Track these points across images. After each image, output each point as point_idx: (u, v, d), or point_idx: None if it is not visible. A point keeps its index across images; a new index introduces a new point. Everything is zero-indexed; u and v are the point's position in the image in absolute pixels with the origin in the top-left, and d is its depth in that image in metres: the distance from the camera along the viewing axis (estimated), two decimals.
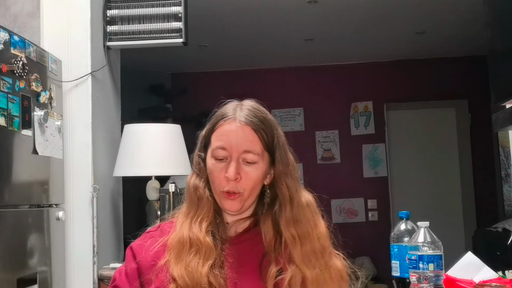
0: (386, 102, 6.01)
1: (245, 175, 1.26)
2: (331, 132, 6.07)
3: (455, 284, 1.64)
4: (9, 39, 2.32)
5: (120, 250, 3.24)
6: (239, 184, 1.26)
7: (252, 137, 1.28)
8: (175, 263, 1.23)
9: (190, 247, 1.24)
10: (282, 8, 4.34)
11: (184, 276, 1.20)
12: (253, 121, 1.29)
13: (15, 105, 2.32)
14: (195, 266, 1.21)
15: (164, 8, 3.07)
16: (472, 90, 5.84)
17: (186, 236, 1.25)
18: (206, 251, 1.23)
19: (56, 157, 2.69)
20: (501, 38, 1.95)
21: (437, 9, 4.43)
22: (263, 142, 1.29)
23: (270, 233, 1.29)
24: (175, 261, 1.23)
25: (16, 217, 2.38)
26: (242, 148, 1.26)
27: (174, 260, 1.24)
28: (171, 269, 1.22)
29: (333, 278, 1.28)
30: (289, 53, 5.61)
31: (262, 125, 1.30)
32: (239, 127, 1.27)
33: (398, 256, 1.73)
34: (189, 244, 1.24)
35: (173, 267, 1.22)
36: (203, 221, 1.28)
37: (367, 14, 4.54)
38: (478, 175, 5.93)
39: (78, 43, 2.96)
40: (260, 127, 1.29)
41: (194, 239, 1.25)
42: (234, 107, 1.32)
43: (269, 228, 1.30)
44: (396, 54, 5.77)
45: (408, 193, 5.92)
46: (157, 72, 6.00)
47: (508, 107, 2.08)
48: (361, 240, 5.33)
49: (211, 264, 1.22)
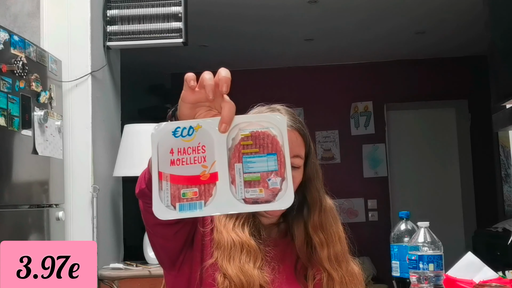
0: (386, 102, 6.01)
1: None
2: (331, 132, 6.06)
3: (455, 284, 1.64)
4: (9, 39, 2.32)
5: (120, 250, 3.24)
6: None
7: (300, 142, 1.31)
8: (228, 263, 1.25)
9: (241, 248, 1.26)
10: (282, 8, 4.34)
11: (239, 276, 1.22)
12: (299, 126, 1.32)
13: (15, 105, 2.32)
14: (248, 267, 1.24)
15: (164, 8, 3.07)
16: (472, 90, 5.84)
17: (234, 238, 1.27)
18: (254, 254, 1.26)
19: (56, 157, 2.69)
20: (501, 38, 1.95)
21: (437, 9, 4.43)
22: (306, 147, 1.32)
23: (302, 237, 1.33)
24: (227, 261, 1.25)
25: (16, 217, 2.38)
26: (292, 153, 1.23)
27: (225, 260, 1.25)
28: (224, 268, 1.24)
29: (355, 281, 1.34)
30: (289, 53, 5.61)
31: (305, 130, 1.33)
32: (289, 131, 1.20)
33: (398, 256, 1.73)
34: (239, 246, 1.26)
35: (226, 266, 1.24)
36: (244, 225, 1.30)
37: (367, 14, 4.54)
38: (478, 175, 5.93)
39: (78, 43, 2.96)
40: (304, 132, 1.32)
41: (242, 241, 1.27)
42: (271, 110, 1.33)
43: (301, 232, 1.33)
44: (396, 54, 5.77)
45: (408, 193, 5.92)
46: (157, 72, 6.00)
47: (508, 107, 2.08)
48: (361, 240, 5.31)
49: (260, 266, 1.26)
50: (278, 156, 0.91)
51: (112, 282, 2.80)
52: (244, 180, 0.90)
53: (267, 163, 0.91)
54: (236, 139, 0.92)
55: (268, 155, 0.91)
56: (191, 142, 0.92)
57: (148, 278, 2.75)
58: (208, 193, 0.90)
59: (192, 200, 0.90)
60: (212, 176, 0.91)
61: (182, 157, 0.92)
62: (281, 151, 0.91)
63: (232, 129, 0.92)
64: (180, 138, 0.92)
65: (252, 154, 0.91)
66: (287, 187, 0.90)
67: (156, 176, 0.92)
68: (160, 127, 0.94)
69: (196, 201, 0.90)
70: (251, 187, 0.90)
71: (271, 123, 0.92)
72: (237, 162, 0.91)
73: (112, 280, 2.80)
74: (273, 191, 0.90)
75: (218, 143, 0.92)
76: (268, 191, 0.90)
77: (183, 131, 0.92)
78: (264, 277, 1.25)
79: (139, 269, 2.85)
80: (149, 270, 2.77)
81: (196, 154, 0.92)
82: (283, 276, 1.29)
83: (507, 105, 2.10)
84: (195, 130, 0.92)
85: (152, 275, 2.73)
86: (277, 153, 0.91)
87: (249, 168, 0.91)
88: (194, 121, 0.93)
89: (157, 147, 0.93)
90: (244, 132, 0.92)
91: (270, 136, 0.91)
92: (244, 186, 0.90)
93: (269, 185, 0.90)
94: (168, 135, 0.93)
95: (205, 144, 0.92)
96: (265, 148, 0.91)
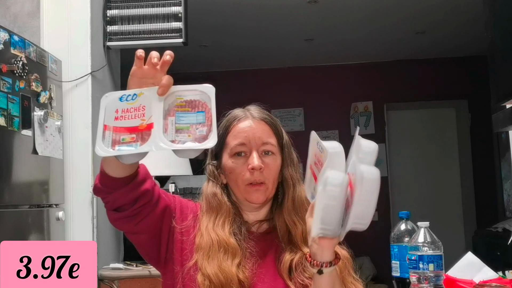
0: (386, 102, 6.01)
1: (266, 165, 1.33)
2: (331, 132, 6.06)
3: (455, 284, 1.64)
4: (9, 39, 2.32)
5: (120, 250, 3.24)
6: (262, 174, 1.32)
7: (267, 130, 1.37)
8: (207, 262, 1.28)
9: (219, 247, 1.30)
10: (282, 8, 4.34)
11: (218, 274, 1.25)
12: (265, 117, 1.39)
13: (15, 105, 2.32)
14: (226, 265, 1.27)
15: (164, 8, 3.07)
16: (472, 90, 5.84)
17: (213, 238, 1.31)
18: (232, 251, 1.29)
19: (56, 157, 2.69)
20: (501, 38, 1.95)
21: (437, 9, 4.43)
22: (276, 135, 1.38)
23: (283, 226, 1.36)
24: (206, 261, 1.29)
25: (16, 217, 2.38)
26: (261, 140, 1.34)
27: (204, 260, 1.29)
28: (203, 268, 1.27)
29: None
30: (289, 53, 5.61)
31: (273, 121, 1.40)
32: (254, 122, 1.36)
33: (398, 256, 1.73)
34: (217, 245, 1.30)
35: (205, 265, 1.28)
36: (225, 223, 1.34)
37: (367, 14, 4.54)
38: (478, 175, 5.93)
39: (78, 43, 2.96)
40: (271, 122, 1.39)
41: (220, 240, 1.30)
42: (242, 109, 1.41)
43: (282, 221, 1.37)
44: (396, 54, 5.77)
45: (408, 193, 5.92)
46: None
47: (508, 107, 2.08)
48: (361, 240, 5.31)
49: (238, 262, 1.29)
50: (206, 114, 1.10)
51: (112, 282, 2.80)
52: (175, 128, 1.09)
53: (196, 118, 1.10)
54: (173, 103, 1.11)
55: (198, 112, 1.11)
56: (134, 104, 1.11)
57: (148, 278, 2.75)
58: (144, 138, 1.08)
59: (129, 143, 1.09)
60: (148, 126, 1.09)
61: (125, 114, 1.11)
62: (209, 111, 1.10)
63: (170, 95, 1.11)
64: (125, 102, 1.11)
65: (184, 111, 1.11)
66: (212, 135, 1.09)
67: (101, 127, 1.10)
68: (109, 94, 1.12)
69: (133, 143, 1.09)
70: (180, 134, 1.09)
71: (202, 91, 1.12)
72: (171, 116, 1.10)
73: (112, 280, 2.80)
74: (200, 137, 1.09)
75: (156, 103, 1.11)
76: (195, 137, 1.09)
77: (127, 96, 1.11)
78: (244, 273, 1.27)
79: (139, 269, 2.85)
80: (149, 270, 2.77)
81: (136, 112, 1.11)
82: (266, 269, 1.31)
83: (507, 105, 2.10)
84: (138, 96, 1.11)
85: (152, 275, 2.73)
86: (205, 111, 1.11)
87: (180, 120, 1.10)
88: (137, 90, 1.12)
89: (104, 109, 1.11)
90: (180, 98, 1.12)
91: (200, 102, 1.11)
92: (175, 132, 1.09)
93: (197, 133, 1.09)
94: (115, 100, 1.12)
95: (145, 105, 1.11)
96: (196, 108, 1.11)
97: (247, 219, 1.39)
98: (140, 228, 1.31)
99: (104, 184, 1.26)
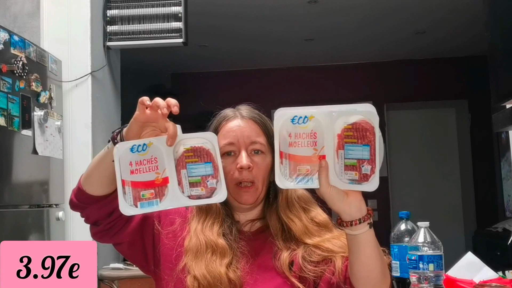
0: (386, 102, 6.01)
1: (256, 165, 1.33)
2: None
3: (455, 284, 1.64)
4: (9, 39, 2.32)
5: None
6: (251, 173, 1.32)
7: (256, 129, 1.37)
8: (195, 264, 1.29)
9: (206, 248, 1.30)
10: (282, 8, 4.34)
11: (205, 275, 1.26)
12: (254, 116, 1.39)
13: (15, 105, 2.32)
14: (214, 265, 1.27)
15: (164, 8, 3.07)
16: (472, 90, 5.83)
17: (201, 239, 1.31)
18: (221, 251, 1.30)
19: (56, 157, 2.69)
20: (501, 38, 1.95)
21: (437, 9, 4.43)
22: (266, 134, 1.37)
23: (276, 224, 1.36)
24: (194, 262, 1.29)
25: (16, 217, 2.38)
26: (249, 139, 1.34)
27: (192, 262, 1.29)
28: (191, 270, 1.28)
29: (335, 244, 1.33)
30: (289, 53, 5.61)
31: (263, 120, 1.39)
32: (243, 121, 1.36)
33: (398, 256, 1.73)
34: (204, 246, 1.30)
35: (193, 267, 1.28)
36: (213, 224, 1.34)
37: (367, 14, 4.54)
38: (478, 175, 5.93)
39: (78, 43, 2.96)
40: (261, 121, 1.39)
41: (208, 241, 1.31)
42: (232, 109, 1.41)
43: (275, 218, 1.37)
44: (396, 54, 5.77)
45: (408, 193, 5.92)
46: (157, 72, 6.00)
47: (508, 107, 2.08)
48: None
49: (228, 262, 1.29)
50: (213, 164, 1.19)
51: (112, 282, 2.80)
52: (188, 181, 1.18)
53: (205, 169, 1.19)
54: (179, 152, 1.19)
55: (206, 163, 1.19)
56: (145, 155, 1.18)
57: (148, 278, 2.72)
58: (162, 193, 1.18)
59: (150, 199, 1.17)
60: (164, 180, 1.18)
61: (139, 167, 1.18)
62: (215, 160, 1.19)
63: (176, 144, 1.18)
64: (136, 153, 1.18)
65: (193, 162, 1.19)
66: (221, 186, 1.19)
67: (120, 183, 1.17)
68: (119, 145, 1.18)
69: (153, 199, 1.17)
70: (194, 187, 1.18)
71: (205, 139, 1.20)
72: (183, 169, 1.19)
73: (112, 280, 2.80)
74: (211, 190, 1.19)
75: (166, 155, 1.18)
76: (207, 190, 1.19)
77: (138, 147, 1.18)
78: (236, 272, 1.27)
79: (139, 269, 2.84)
80: None
81: (150, 164, 1.18)
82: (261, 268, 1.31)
83: (507, 105, 2.10)
84: (148, 146, 1.18)
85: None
86: (211, 162, 1.19)
87: (192, 173, 1.19)
88: (146, 140, 1.18)
89: (118, 161, 1.17)
90: (186, 146, 1.19)
91: (205, 149, 1.19)
92: (189, 186, 1.18)
93: (208, 185, 1.19)
94: (126, 152, 1.18)
95: (157, 156, 1.18)
96: (202, 158, 1.19)
97: (239, 219, 1.39)
98: (117, 240, 1.35)
99: (80, 199, 1.30)
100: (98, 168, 1.28)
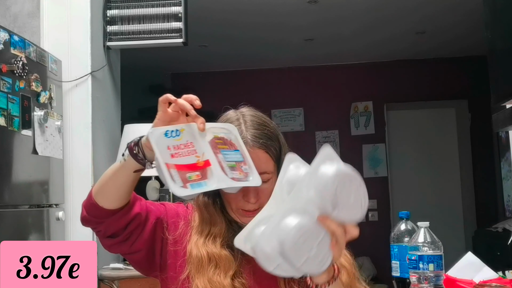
0: (386, 102, 6.01)
1: (261, 192, 1.27)
2: (331, 132, 6.06)
3: (455, 284, 1.64)
4: (9, 39, 2.32)
5: None
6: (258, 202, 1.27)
7: (265, 158, 1.28)
8: (197, 277, 1.25)
9: (209, 262, 1.26)
10: (282, 8, 4.34)
11: None
12: (263, 142, 1.29)
13: (15, 105, 2.32)
14: (217, 279, 1.24)
15: (164, 8, 3.07)
16: (472, 90, 5.84)
17: (203, 253, 1.27)
18: (225, 264, 1.26)
19: (56, 157, 2.69)
20: (501, 38, 1.95)
21: (437, 9, 4.43)
22: (274, 159, 1.30)
23: None
24: (196, 275, 1.26)
25: (16, 217, 2.38)
26: (259, 170, 1.25)
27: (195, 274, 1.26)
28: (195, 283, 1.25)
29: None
30: (289, 53, 5.61)
31: (271, 141, 1.30)
32: (251, 152, 1.26)
33: (398, 256, 1.73)
34: (207, 259, 1.27)
35: (196, 280, 1.25)
36: (217, 237, 1.30)
37: (367, 14, 4.54)
38: (478, 175, 5.93)
39: (78, 43, 2.96)
40: (269, 145, 1.30)
41: (211, 254, 1.27)
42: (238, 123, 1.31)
43: None
44: (396, 54, 5.77)
45: (408, 193, 5.92)
46: (157, 72, 6.00)
47: (508, 107, 2.08)
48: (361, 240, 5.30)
49: (232, 275, 1.26)
50: (242, 152, 1.23)
51: (112, 282, 2.80)
52: (228, 165, 1.20)
53: (235, 156, 1.22)
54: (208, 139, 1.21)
55: (235, 151, 1.22)
56: (181, 140, 1.18)
57: (148, 278, 2.72)
58: (206, 175, 1.17)
59: (197, 181, 1.16)
60: (206, 163, 1.18)
61: (177, 151, 1.17)
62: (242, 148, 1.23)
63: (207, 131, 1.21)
64: (171, 138, 1.17)
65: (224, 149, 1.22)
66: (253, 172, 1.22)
67: (164, 166, 1.14)
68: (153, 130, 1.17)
69: (200, 180, 1.16)
70: (234, 170, 1.20)
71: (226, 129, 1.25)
72: (218, 153, 1.20)
73: (112, 280, 2.80)
74: (246, 174, 1.21)
75: (200, 140, 1.20)
76: (243, 174, 1.21)
77: (172, 132, 1.17)
78: (241, 279, 1.25)
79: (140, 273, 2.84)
80: None
81: (187, 149, 1.18)
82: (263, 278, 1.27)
83: (507, 105, 2.10)
84: (181, 132, 1.18)
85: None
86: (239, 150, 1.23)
87: (227, 158, 1.21)
88: (178, 126, 1.19)
89: (156, 145, 1.15)
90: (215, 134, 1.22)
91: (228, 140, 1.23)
92: (230, 169, 1.19)
93: (243, 170, 1.21)
94: (161, 136, 1.16)
95: (192, 141, 1.19)
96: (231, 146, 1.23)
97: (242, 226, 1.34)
98: (135, 248, 1.29)
99: (94, 215, 1.25)
100: (115, 180, 1.23)
